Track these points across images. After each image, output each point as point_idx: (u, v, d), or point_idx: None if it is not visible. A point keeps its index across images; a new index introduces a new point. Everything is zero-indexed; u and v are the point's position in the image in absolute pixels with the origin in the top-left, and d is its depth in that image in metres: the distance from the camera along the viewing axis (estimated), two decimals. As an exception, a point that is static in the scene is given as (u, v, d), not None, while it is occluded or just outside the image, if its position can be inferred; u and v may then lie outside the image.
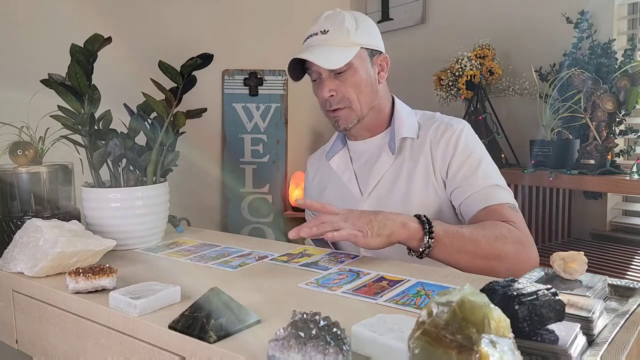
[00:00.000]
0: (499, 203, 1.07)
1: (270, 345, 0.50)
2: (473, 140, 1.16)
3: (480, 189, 1.09)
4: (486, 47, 1.96)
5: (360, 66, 1.14)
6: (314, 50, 1.12)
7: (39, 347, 0.89)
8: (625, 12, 1.82)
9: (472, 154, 1.13)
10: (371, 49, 1.16)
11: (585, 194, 1.84)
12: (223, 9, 2.23)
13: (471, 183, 1.10)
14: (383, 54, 1.20)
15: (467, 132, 1.17)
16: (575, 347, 0.53)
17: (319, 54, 1.10)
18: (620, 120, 1.60)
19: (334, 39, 1.12)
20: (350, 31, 1.12)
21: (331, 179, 1.29)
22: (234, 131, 2.29)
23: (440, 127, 1.17)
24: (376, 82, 1.18)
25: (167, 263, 0.99)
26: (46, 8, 1.71)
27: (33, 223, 0.93)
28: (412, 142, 1.18)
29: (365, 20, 1.17)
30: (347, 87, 1.13)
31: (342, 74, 1.13)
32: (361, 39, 1.13)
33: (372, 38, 1.17)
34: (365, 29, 1.15)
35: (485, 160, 1.13)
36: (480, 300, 0.45)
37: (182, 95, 1.10)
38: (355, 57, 1.12)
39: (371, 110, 1.18)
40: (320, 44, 1.13)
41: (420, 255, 0.96)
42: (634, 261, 1.54)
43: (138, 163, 1.12)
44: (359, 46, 1.13)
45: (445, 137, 1.15)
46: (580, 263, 0.73)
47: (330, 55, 1.10)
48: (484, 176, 1.10)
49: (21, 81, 1.30)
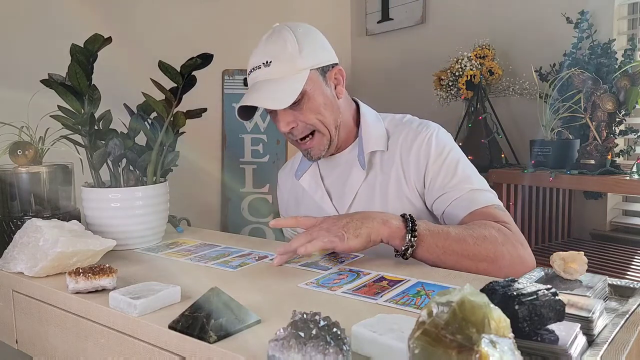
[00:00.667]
0: (485, 205, 1.02)
1: (270, 345, 0.50)
2: (445, 143, 1.10)
3: (461, 194, 1.04)
4: (486, 47, 1.96)
5: (315, 90, 1.06)
6: (259, 89, 1.04)
7: (39, 347, 0.89)
8: (625, 12, 1.82)
9: (447, 158, 1.08)
10: (322, 67, 1.08)
11: (585, 194, 1.84)
12: (223, 9, 2.23)
13: (451, 189, 1.05)
14: (336, 66, 1.11)
15: (437, 136, 1.10)
16: (575, 347, 0.53)
17: (266, 94, 1.03)
18: (620, 120, 1.60)
19: (279, 71, 1.03)
20: (294, 56, 1.03)
21: (304, 197, 1.23)
22: (234, 131, 2.29)
23: (409, 135, 1.11)
24: (335, 98, 1.10)
25: (167, 263, 0.99)
26: (46, 8, 1.71)
27: (33, 223, 0.93)
28: (381, 154, 1.13)
29: (308, 36, 1.07)
30: (305, 115, 1.06)
31: (297, 103, 1.04)
32: (308, 60, 1.05)
33: (321, 54, 1.08)
34: (310, 47, 1.06)
35: (462, 163, 1.08)
36: (480, 300, 0.45)
37: (182, 95, 1.09)
38: (307, 83, 1.04)
39: (337, 129, 1.11)
40: (265, 78, 1.05)
41: (404, 254, 0.91)
42: (634, 261, 1.54)
43: (138, 163, 1.12)
44: (308, 69, 1.04)
45: (415, 146, 1.09)
46: (580, 263, 0.73)
47: (277, 91, 1.02)
48: (464, 180, 1.05)
49: (21, 81, 1.30)
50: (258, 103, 1.04)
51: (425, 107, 2.17)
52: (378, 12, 2.54)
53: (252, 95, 1.05)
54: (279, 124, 1.07)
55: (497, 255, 0.92)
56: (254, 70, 1.07)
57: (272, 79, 1.04)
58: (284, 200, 1.32)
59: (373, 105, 1.23)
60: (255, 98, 1.04)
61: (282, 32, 1.06)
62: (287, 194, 1.30)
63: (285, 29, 1.06)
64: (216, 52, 1.10)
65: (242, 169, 2.32)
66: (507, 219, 1.01)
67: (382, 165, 1.13)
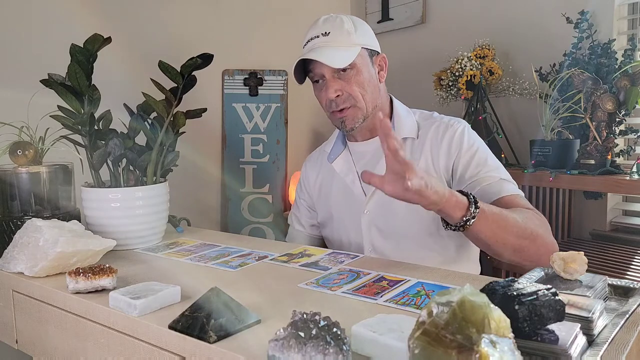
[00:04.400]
0: (512, 194, 1.08)
1: (270, 345, 0.50)
2: (475, 138, 1.18)
3: (491, 182, 1.10)
4: (486, 47, 1.96)
5: (363, 65, 1.16)
6: (318, 51, 1.13)
7: (39, 347, 0.89)
8: (625, 12, 1.82)
9: (478, 151, 1.14)
10: (371, 49, 1.19)
11: (585, 194, 1.84)
12: (223, 9, 2.23)
13: (482, 177, 1.11)
14: (381, 54, 1.23)
15: (468, 130, 1.18)
16: (575, 347, 0.53)
17: (324, 54, 1.12)
18: (620, 120, 1.59)
19: (336, 40, 1.14)
20: (351, 32, 1.15)
21: (334, 181, 1.28)
22: (234, 131, 2.29)
23: (440, 127, 1.18)
24: (377, 80, 1.20)
25: (167, 263, 0.99)
26: (46, 8, 1.71)
27: (33, 223, 0.93)
28: (412, 142, 1.19)
29: (362, 23, 1.20)
30: (352, 86, 1.14)
31: (346, 73, 1.14)
32: (361, 39, 1.16)
33: (371, 39, 1.20)
34: (363, 30, 1.18)
35: (490, 156, 1.15)
36: (480, 300, 0.45)
37: (182, 95, 1.10)
38: (358, 57, 1.14)
39: (375, 109, 1.19)
40: (322, 45, 1.14)
41: (463, 226, 0.92)
42: (634, 261, 1.54)
43: (138, 163, 1.12)
44: (360, 46, 1.15)
45: (447, 137, 1.16)
46: (580, 263, 0.73)
47: (334, 54, 1.12)
48: (494, 169, 1.12)
49: (21, 81, 1.30)
50: (318, 58, 1.11)
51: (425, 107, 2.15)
52: (378, 12, 2.53)
53: (312, 54, 1.13)
54: (328, 90, 1.14)
55: (537, 235, 0.99)
56: (312, 39, 1.17)
57: (330, 46, 1.14)
58: (311, 186, 1.36)
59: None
60: (315, 56, 1.12)
61: (339, 15, 1.19)
62: (314, 182, 1.35)
63: (342, 14, 1.19)
64: (216, 52, 1.10)
65: (242, 169, 2.32)
66: (531, 206, 1.07)
67: (412, 152, 1.18)
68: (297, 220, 1.39)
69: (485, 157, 1.14)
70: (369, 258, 0.99)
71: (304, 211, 1.37)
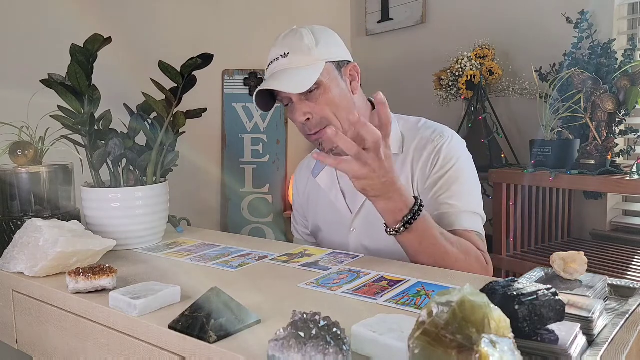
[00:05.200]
0: (466, 229, 1.05)
1: (270, 345, 0.50)
2: (453, 155, 1.10)
3: (447, 211, 1.06)
4: (486, 47, 1.96)
5: (330, 82, 1.07)
6: (277, 77, 1.06)
7: (39, 347, 0.89)
8: (625, 12, 1.82)
9: (449, 171, 1.08)
10: (337, 61, 1.09)
11: (585, 194, 1.84)
12: (223, 9, 2.23)
13: (441, 202, 1.07)
14: (351, 63, 1.12)
15: (448, 145, 1.10)
16: (575, 347, 0.53)
17: (283, 80, 1.05)
18: (620, 120, 1.59)
19: (296, 61, 1.06)
20: (311, 48, 1.06)
21: (320, 195, 1.25)
22: (234, 131, 2.29)
23: (422, 142, 1.12)
24: (350, 93, 1.11)
25: (167, 263, 0.99)
26: (46, 8, 1.71)
27: (33, 223, 0.93)
28: (395, 157, 1.10)
29: (324, 33, 1.10)
30: (321, 106, 1.06)
31: (313, 93, 1.06)
32: (324, 53, 1.07)
33: (336, 50, 1.11)
34: (326, 42, 1.09)
35: (462, 179, 1.08)
36: (480, 300, 0.45)
37: (182, 95, 1.09)
38: (323, 74, 1.05)
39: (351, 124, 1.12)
40: (282, 68, 1.06)
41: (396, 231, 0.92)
42: (634, 261, 1.54)
43: (138, 163, 1.12)
44: (324, 61, 1.06)
45: (426, 153, 1.11)
46: (580, 263, 0.73)
47: (294, 79, 1.04)
48: (456, 197, 1.07)
49: (21, 81, 1.30)
50: (276, 87, 1.04)
51: (425, 107, 2.17)
52: (378, 12, 2.53)
53: (270, 82, 1.06)
54: (296, 113, 1.07)
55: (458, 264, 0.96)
56: (272, 63, 1.09)
57: (290, 68, 1.06)
58: (299, 196, 1.34)
59: (373, 105, 1.22)
60: (273, 84, 1.05)
61: (298, 29, 1.09)
62: (303, 190, 1.33)
63: (302, 29, 1.09)
64: (216, 52, 1.10)
65: (242, 169, 2.32)
66: (483, 248, 1.05)
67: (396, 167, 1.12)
68: (295, 229, 1.38)
69: (454, 179, 1.07)
70: (369, 258, 0.99)
71: (299, 219, 1.36)
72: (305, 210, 1.32)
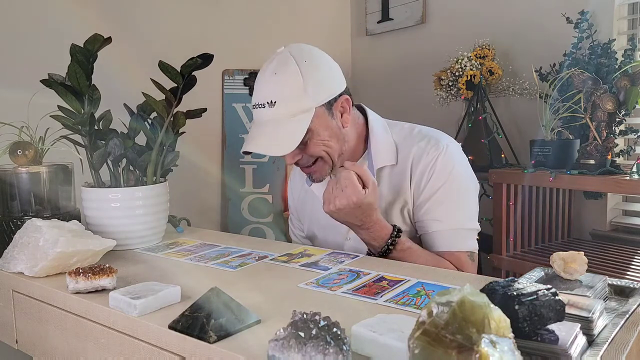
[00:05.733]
0: (458, 250, 1.07)
1: (270, 345, 0.50)
2: (448, 168, 1.08)
3: (441, 229, 1.07)
4: (486, 47, 1.96)
5: (320, 126, 1.04)
6: (263, 132, 1.02)
7: (39, 347, 0.89)
8: (625, 12, 1.82)
9: (444, 185, 1.07)
10: (328, 101, 1.04)
11: (585, 194, 1.84)
12: (223, 9, 2.23)
13: (434, 220, 1.08)
14: (343, 96, 1.07)
15: (444, 157, 1.08)
16: (575, 347, 0.53)
17: (269, 139, 1.01)
18: (620, 120, 1.59)
19: (284, 112, 1.01)
20: (300, 96, 1.00)
21: (315, 201, 1.21)
22: (234, 131, 2.29)
23: (417, 153, 1.10)
24: (340, 129, 1.08)
25: (167, 263, 0.99)
26: (46, 8, 1.71)
27: (33, 223, 0.93)
28: (391, 169, 1.12)
29: (313, 69, 1.03)
30: (311, 149, 1.05)
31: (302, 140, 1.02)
32: (315, 96, 1.02)
33: (327, 87, 1.05)
34: (315, 81, 1.02)
35: (456, 194, 1.08)
36: (480, 300, 0.45)
37: (182, 95, 1.09)
38: (312, 120, 1.01)
39: (343, 155, 1.10)
40: (269, 119, 1.02)
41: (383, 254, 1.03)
42: (634, 261, 1.54)
43: (138, 163, 1.12)
44: (313, 108, 1.02)
45: (422, 165, 1.09)
46: (580, 263, 0.73)
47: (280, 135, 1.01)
48: (450, 215, 1.07)
49: (21, 81, 1.30)
50: (261, 150, 1.02)
51: (425, 107, 2.17)
52: (378, 12, 2.53)
53: (256, 140, 1.03)
54: (286, 157, 1.06)
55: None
56: (258, 107, 1.04)
57: (277, 119, 1.02)
58: (294, 200, 1.34)
59: (373, 106, 1.22)
60: (259, 144, 1.02)
61: (287, 68, 1.01)
62: (297, 196, 1.32)
63: (291, 63, 1.02)
64: (216, 52, 1.10)
65: (242, 169, 2.32)
66: (468, 269, 1.07)
67: (391, 179, 1.12)
68: (292, 232, 1.37)
69: (447, 194, 1.07)
70: (369, 258, 0.99)
71: (295, 223, 1.35)
72: (301, 214, 1.31)
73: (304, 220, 1.30)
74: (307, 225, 1.29)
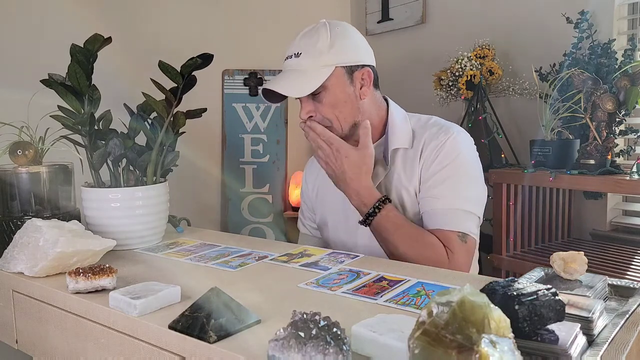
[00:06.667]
0: (450, 230, 1.08)
1: (270, 345, 0.50)
2: (454, 151, 1.12)
3: (437, 208, 1.09)
4: (486, 47, 1.96)
5: (336, 86, 1.11)
6: (284, 77, 1.12)
7: (39, 347, 0.89)
8: (625, 12, 1.82)
9: (448, 166, 1.11)
10: (350, 65, 1.12)
11: (585, 194, 1.84)
12: (223, 9, 2.23)
13: (432, 197, 1.10)
14: (365, 67, 1.15)
15: (451, 142, 1.13)
16: (575, 347, 0.53)
17: (287, 82, 1.10)
18: (620, 120, 1.59)
19: (305, 63, 1.10)
20: (323, 52, 1.09)
21: (329, 190, 1.24)
22: (234, 131, 2.29)
23: (428, 137, 1.15)
24: (357, 98, 1.14)
25: (167, 263, 0.99)
26: (46, 8, 1.71)
27: (33, 223, 0.93)
28: (405, 152, 1.16)
29: (344, 35, 1.12)
30: (324, 107, 1.11)
31: (318, 95, 1.11)
32: (336, 58, 1.10)
33: (351, 54, 1.13)
34: (342, 45, 1.11)
35: (457, 176, 1.10)
36: (480, 300, 0.45)
37: (182, 95, 1.10)
38: (331, 78, 1.09)
39: (354, 127, 1.14)
40: (292, 68, 1.12)
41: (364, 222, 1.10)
42: (634, 261, 1.54)
43: (138, 163, 1.12)
44: (334, 66, 1.10)
45: (430, 148, 1.13)
46: (580, 263, 0.73)
47: (299, 81, 1.09)
48: (448, 194, 1.09)
49: (21, 81, 1.30)
50: (276, 88, 1.11)
51: (425, 107, 2.17)
52: (378, 12, 2.53)
53: (276, 82, 1.12)
54: (301, 111, 1.14)
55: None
56: (286, 59, 1.14)
57: (299, 70, 1.11)
58: (309, 189, 1.37)
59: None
60: (277, 85, 1.11)
61: (319, 28, 1.12)
62: (313, 184, 1.35)
63: (324, 26, 1.12)
64: (216, 52, 1.10)
65: (242, 169, 2.32)
66: (457, 250, 1.07)
67: (405, 162, 1.16)
68: (302, 223, 1.39)
69: (450, 175, 1.10)
70: (369, 258, 0.99)
71: (307, 213, 1.37)
72: (314, 203, 1.34)
73: (317, 209, 1.33)
74: (319, 214, 1.31)
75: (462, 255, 1.07)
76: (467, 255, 1.09)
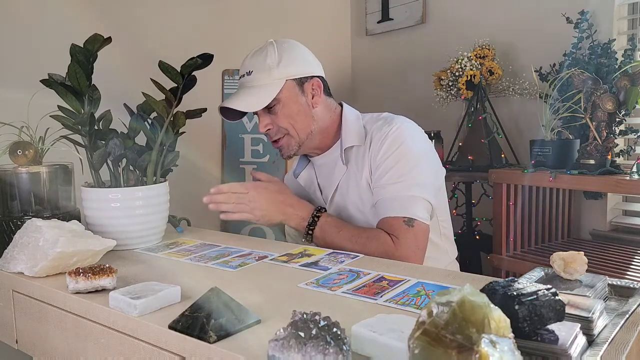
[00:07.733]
0: (394, 216, 1.10)
1: (270, 345, 0.50)
2: (397, 140, 1.15)
3: (384, 197, 1.13)
4: (486, 47, 1.96)
5: (289, 98, 1.18)
6: (239, 94, 1.20)
7: (39, 347, 0.89)
8: (625, 12, 1.82)
9: (392, 155, 1.14)
10: (299, 77, 1.19)
11: (585, 194, 1.84)
12: (223, 9, 2.23)
13: (380, 187, 1.14)
14: (315, 78, 1.22)
15: (395, 132, 1.16)
16: (575, 347, 0.53)
17: (242, 99, 1.18)
18: (620, 120, 1.59)
19: (257, 79, 1.18)
20: (272, 67, 1.17)
21: (302, 193, 1.32)
22: (234, 131, 2.29)
23: (375, 129, 1.20)
24: (310, 107, 1.21)
25: (167, 263, 0.99)
26: (46, 8, 1.71)
27: (33, 223, 0.93)
28: (357, 149, 1.22)
29: (290, 50, 1.20)
30: (280, 119, 1.19)
31: (273, 108, 1.18)
32: (285, 71, 1.17)
33: (300, 66, 1.20)
34: (289, 59, 1.18)
35: (402, 163, 1.13)
36: (480, 300, 0.45)
37: (182, 95, 1.10)
38: (283, 91, 1.17)
39: (310, 135, 1.22)
40: (245, 86, 1.20)
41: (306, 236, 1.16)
42: (634, 261, 1.54)
43: (138, 163, 1.12)
44: (284, 79, 1.17)
45: (375, 139, 1.18)
46: (580, 263, 0.73)
47: (253, 97, 1.17)
48: (394, 182, 1.12)
49: (21, 81, 1.30)
50: (233, 105, 1.18)
51: (426, 107, 2.17)
52: (378, 12, 2.53)
53: (231, 100, 1.20)
54: (259, 124, 1.23)
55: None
56: (240, 78, 1.23)
57: (252, 86, 1.19)
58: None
59: (372, 105, 1.24)
60: (233, 102, 1.19)
61: (267, 47, 1.20)
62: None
63: (271, 44, 1.20)
64: (216, 52, 1.10)
65: (242, 169, 2.32)
66: (403, 236, 1.08)
67: (357, 158, 1.22)
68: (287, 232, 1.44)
69: (393, 163, 1.13)
70: (369, 258, 0.99)
71: None
72: None
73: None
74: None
75: (410, 239, 1.08)
76: (415, 239, 1.09)
